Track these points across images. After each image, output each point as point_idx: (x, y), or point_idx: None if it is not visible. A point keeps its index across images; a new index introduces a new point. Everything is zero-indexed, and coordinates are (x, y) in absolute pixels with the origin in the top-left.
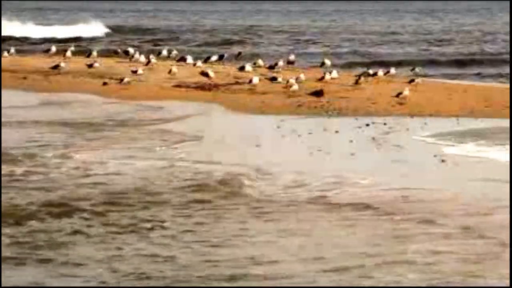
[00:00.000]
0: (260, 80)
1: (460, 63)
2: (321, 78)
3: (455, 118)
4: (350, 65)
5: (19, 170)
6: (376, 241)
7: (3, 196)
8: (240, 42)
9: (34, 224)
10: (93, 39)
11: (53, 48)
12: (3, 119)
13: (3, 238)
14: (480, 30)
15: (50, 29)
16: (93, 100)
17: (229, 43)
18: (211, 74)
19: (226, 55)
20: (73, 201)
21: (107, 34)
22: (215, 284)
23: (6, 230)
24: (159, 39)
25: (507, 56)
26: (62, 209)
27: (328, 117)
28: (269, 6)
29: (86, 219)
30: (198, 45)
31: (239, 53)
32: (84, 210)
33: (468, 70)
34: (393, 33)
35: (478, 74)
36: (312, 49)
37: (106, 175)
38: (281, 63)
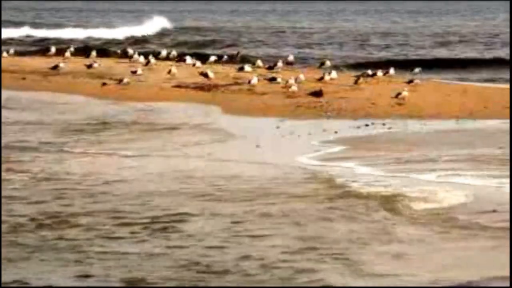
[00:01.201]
0: (259, 80)
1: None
2: (321, 79)
3: (455, 119)
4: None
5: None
6: None
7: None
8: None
9: None
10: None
11: (53, 49)
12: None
13: None
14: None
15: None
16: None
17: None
18: (211, 74)
19: (225, 56)
20: None
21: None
22: None
23: None
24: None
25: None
26: None
27: (327, 118)
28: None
29: None
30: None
31: (238, 53)
32: None
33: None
34: (391, 34)
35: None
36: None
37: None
38: (280, 63)
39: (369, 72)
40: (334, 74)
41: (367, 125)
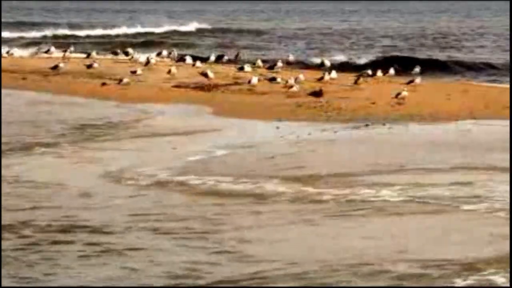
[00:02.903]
0: (259, 80)
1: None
2: (320, 79)
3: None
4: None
5: None
6: None
7: None
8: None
9: None
10: None
11: (52, 49)
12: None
13: None
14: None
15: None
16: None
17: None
18: (210, 74)
19: (226, 56)
20: None
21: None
22: None
23: None
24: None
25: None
26: None
27: (327, 118)
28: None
29: None
30: None
31: (238, 54)
32: None
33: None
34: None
35: None
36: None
37: None
38: (280, 63)
39: (369, 72)
40: (334, 74)
41: (367, 125)
